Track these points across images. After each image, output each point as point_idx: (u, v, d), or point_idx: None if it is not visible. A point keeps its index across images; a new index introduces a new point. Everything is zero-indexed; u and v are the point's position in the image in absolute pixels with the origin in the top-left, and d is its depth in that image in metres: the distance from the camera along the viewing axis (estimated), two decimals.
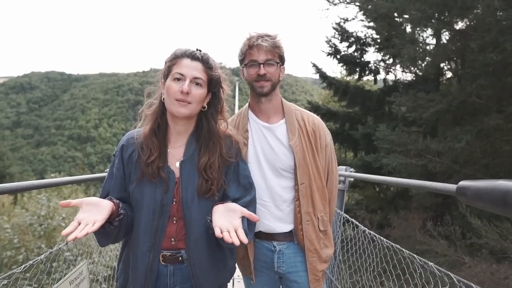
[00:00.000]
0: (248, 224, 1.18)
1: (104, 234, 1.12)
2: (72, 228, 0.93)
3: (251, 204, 1.30)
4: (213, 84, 1.24)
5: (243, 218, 1.12)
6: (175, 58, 1.21)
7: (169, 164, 1.24)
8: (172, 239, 1.23)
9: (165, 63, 1.24)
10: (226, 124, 1.33)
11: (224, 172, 1.27)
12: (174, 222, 1.23)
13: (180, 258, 1.23)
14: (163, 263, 1.23)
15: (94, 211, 1.01)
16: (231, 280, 3.70)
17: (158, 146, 1.22)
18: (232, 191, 1.28)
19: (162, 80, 1.24)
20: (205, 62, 1.21)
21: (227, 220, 1.07)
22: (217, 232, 1.01)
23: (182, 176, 1.23)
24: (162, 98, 1.23)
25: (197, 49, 1.24)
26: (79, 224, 0.95)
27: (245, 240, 1.01)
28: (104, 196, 1.24)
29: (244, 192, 1.30)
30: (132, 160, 1.24)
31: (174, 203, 1.22)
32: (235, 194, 1.28)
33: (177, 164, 1.24)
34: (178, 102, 1.17)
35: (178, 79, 1.18)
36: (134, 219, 1.23)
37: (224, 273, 1.33)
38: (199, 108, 1.23)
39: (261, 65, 1.43)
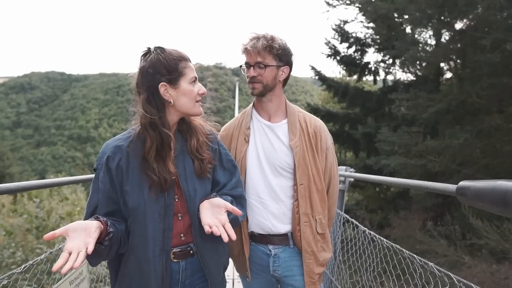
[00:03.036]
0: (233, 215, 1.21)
1: (95, 254, 1.04)
2: (63, 260, 0.88)
3: (238, 185, 1.36)
4: None
5: (228, 211, 1.16)
6: (185, 60, 1.21)
7: None
8: (182, 235, 1.24)
9: (171, 66, 1.17)
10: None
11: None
12: (180, 218, 1.23)
13: (191, 251, 1.25)
14: (174, 260, 1.24)
15: (82, 235, 0.96)
16: (231, 281, 3.72)
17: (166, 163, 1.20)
18: (220, 176, 1.34)
19: (167, 84, 1.17)
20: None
21: (214, 216, 1.13)
22: (206, 229, 1.07)
23: (178, 170, 1.23)
24: (171, 102, 1.18)
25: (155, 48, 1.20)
26: (70, 254, 0.90)
27: (233, 236, 1.07)
28: (90, 212, 1.18)
29: (230, 176, 1.37)
30: (121, 169, 1.17)
31: (176, 200, 1.22)
32: (222, 179, 1.35)
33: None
34: (197, 103, 1.23)
35: (193, 81, 1.22)
36: (138, 227, 1.18)
37: (225, 256, 1.39)
38: None
39: (252, 67, 1.45)
